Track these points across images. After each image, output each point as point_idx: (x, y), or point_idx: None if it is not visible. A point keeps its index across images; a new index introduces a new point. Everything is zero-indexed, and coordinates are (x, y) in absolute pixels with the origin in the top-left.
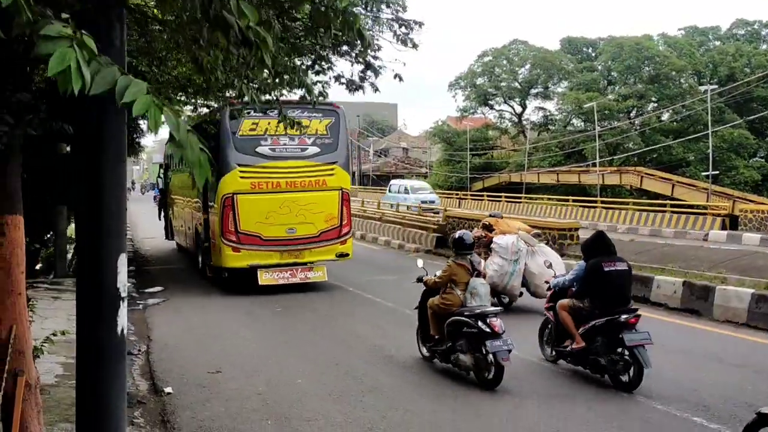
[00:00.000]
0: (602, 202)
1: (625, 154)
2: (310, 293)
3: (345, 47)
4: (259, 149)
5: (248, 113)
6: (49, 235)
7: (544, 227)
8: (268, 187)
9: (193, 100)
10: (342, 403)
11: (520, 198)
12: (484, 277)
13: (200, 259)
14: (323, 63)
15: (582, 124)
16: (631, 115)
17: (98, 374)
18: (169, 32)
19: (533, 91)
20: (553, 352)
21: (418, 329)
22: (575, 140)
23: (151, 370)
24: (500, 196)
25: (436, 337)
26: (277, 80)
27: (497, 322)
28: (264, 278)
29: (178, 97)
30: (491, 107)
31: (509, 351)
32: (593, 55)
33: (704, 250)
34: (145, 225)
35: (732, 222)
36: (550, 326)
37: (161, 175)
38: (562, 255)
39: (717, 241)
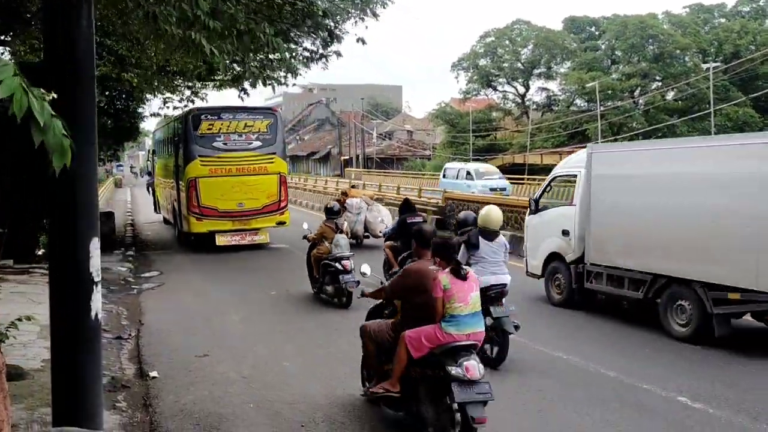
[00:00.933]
0: None
1: (629, 134)
2: (304, 280)
3: (308, 21)
4: (215, 144)
5: (206, 117)
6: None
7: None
8: (222, 172)
9: (188, 84)
10: (325, 386)
11: (522, 179)
12: (348, 235)
13: (176, 228)
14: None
15: (585, 104)
16: (635, 94)
17: (73, 358)
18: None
19: (536, 71)
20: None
21: (308, 272)
22: (578, 120)
23: (139, 354)
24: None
25: (317, 276)
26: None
27: (348, 263)
28: (220, 240)
29: (173, 82)
30: (494, 88)
31: (357, 282)
32: (596, 34)
33: None
34: (146, 210)
35: None
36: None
37: (150, 160)
38: None
39: None
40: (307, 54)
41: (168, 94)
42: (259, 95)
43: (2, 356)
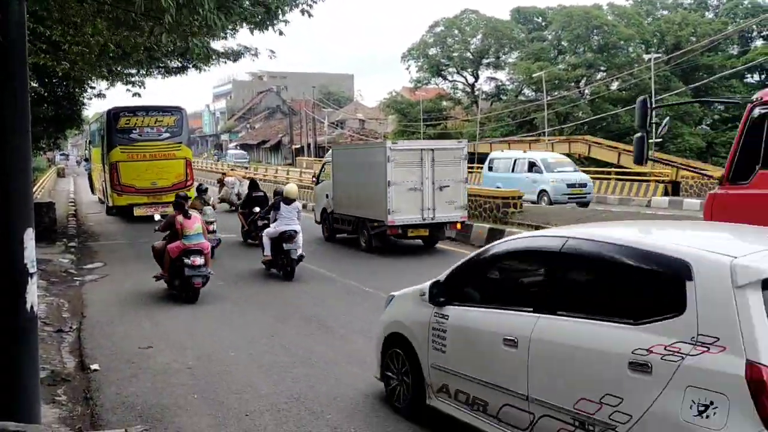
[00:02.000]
0: None
1: (575, 123)
2: (255, 267)
3: None
4: (131, 135)
5: (124, 114)
6: None
7: (487, 196)
8: (138, 158)
9: (129, 71)
10: (272, 375)
11: (471, 167)
12: (214, 207)
13: (105, 203)
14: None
15: (533, 93)
16: (581, 84)
17: (8, 352)
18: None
19: (485, 61)
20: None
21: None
22: (526, 110)
23: (80, 347)
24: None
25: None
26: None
27: (212, 227)
28: (137, 212)
29: (115, 68)
30: (444, 78)
31: (219, 240)
32: (543, 24)
33: (640, 215)
34: (89, 200)
35: (675, 188)
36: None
37: (87, 149)
38: (505, 223)
39: (659, 207)
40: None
41: (107, 84)
42: (206, 81)
43: None
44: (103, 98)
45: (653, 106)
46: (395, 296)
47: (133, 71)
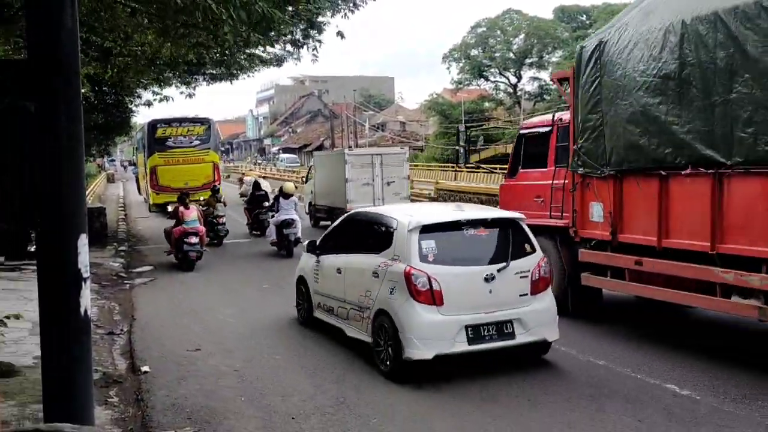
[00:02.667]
0: None
1: None
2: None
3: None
4: (167, 143)
5: (160, 125)
6: None
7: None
8: (173, 162)
9: (178, 75)
10: (316, 378)
11: None
12: (225, 204)
13: (146, 201)
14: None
15: None
16: None
17: (63, 355)
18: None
19: (528, 61)
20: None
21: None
22: None
23: (131, 349)
24: (496, 168)
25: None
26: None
27: (222, 219)
28: (171, 207)
29: (163, 74)
30: (486, 79)
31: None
32: (587, 22)
33: None
34: (138, 207)
35: None
36: None
37: (134, 155)
38: None
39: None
40: (288, 40)
41: (157, 89)
42: (250, 87)
43: None
44: (151, 106)
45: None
46: (302, 255)
47: (180, 78)
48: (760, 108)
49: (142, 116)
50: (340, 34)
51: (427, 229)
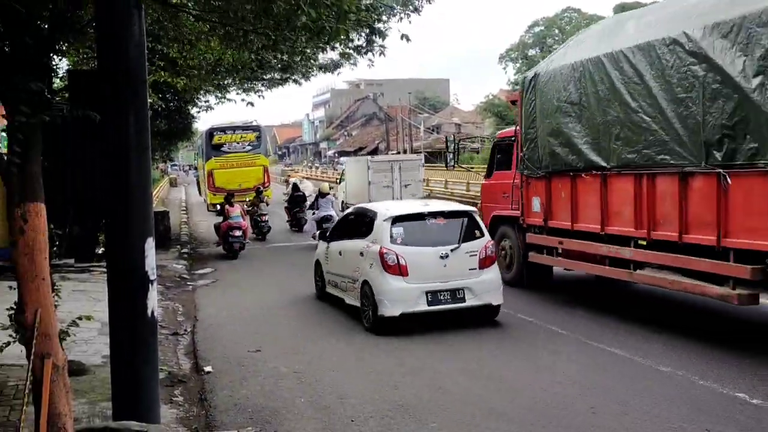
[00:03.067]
0: None
1: None
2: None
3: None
4: (222, 149)
5: (216, 132)
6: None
7: None
8: (228, 166)
9: (239, 82)
10: (377, 382)
11: None
12: (267, 204)
13: (205, 201)
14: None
15: None
16: None
17: (131, 355)
18: (195, 19)
19: None
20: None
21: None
22: None
23: (194, 349)
24: None
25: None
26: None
27: (265, 218)
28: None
29: (224, 81)
30: None
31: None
32: None
33: None
34: (199, 209)
35: None
36: None
37: (195, 159)
38: None
39: None
40: (350, 48)
41: (219, 94)
42: (307, 91)
43: (64, 353)
44: (211, 110)
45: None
46: (318, 243)
47: (239, 84)
48: (624, 127)
49: (202, 122)
50: (405, 37)
51: (397, 219)
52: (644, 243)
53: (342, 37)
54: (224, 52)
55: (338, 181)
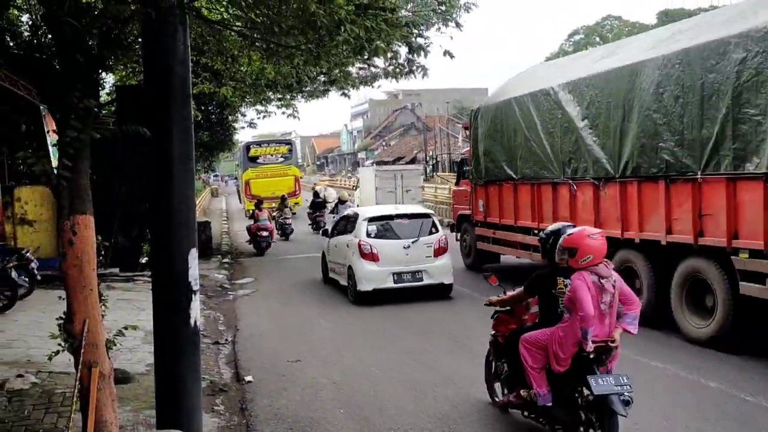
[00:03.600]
0: None
1: None
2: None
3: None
4: (258, 160)
5: (253, 146)
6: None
7: None
8: (263, 176)
9: (278, 96)
10: (414, 392)
11: None
12: (291, 210)
13: (244, 209)
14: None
15: None
16: None
17: (174, 364)
18: (236, 34)
19: None
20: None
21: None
22: None
23: (235, 359)
24: None
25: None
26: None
27: (288, 227)
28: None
29: (266, 94)
30: None
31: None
32: None
33: None
34: (240, 220)
35: None
36: None
37: (235, 170)
38: None
39: None
40: (394, 65)
41: (259, 107)
42: (345, 102)
43: (110, 362)
44: (254, 126)
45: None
46: (323, 240)
47: (280, 97)
48: (523, 150)
49: (244, 134)
50: (448, 53)
51: (372, 219)
52: (536, 232)
53: (380, 55)
54: (265, 66)
55: (354, 188)
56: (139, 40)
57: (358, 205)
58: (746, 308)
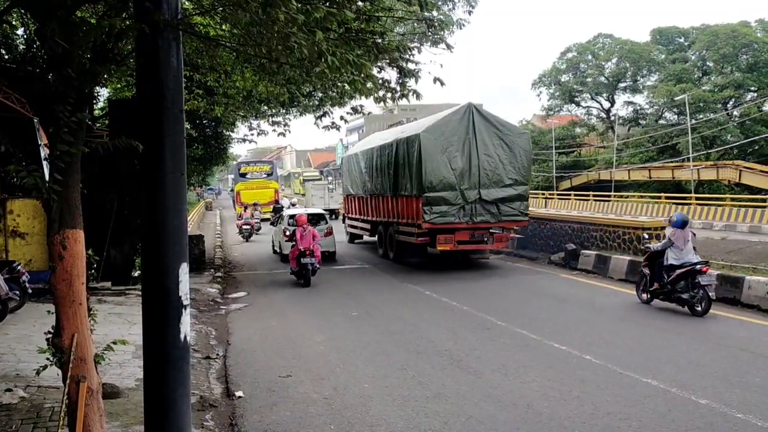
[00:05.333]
0: (697, 198)
1: (723, 147)
2: (385, 296)
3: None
4: (247, 176)
5: (243, 165)
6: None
7: (632, 227)
8: (250, 188)
9: (271, 112)
10: (405, 409)
11: (609, 196)
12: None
13: (236, 211)
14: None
15: (675, 117)
16: (729, 106)
17: (163, 379)
18: (229, 50)
19: (621, 85)
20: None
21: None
22: (668, 134)
23: (226, 374)
24: (588, 195)
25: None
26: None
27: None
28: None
29: (259, 110)
30: (577, 104)
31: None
32: (686, 45)
33: None
34: (233, 232)
35: None
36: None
37: (231, 183)
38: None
39: None
40: (384, 91)
41: (253, 121)
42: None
43: (99, 377)
44: (249, 142)
45: None
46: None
47: (273, 113)
48: (364, 181)
49: (240, 148)
50: (438, 80)
51: (291, 216)
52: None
53: (359, 88)
54: (257, 83)
55: (303, 195)
56: (133, 54)
57: (293, 206)
58: (402, 245)
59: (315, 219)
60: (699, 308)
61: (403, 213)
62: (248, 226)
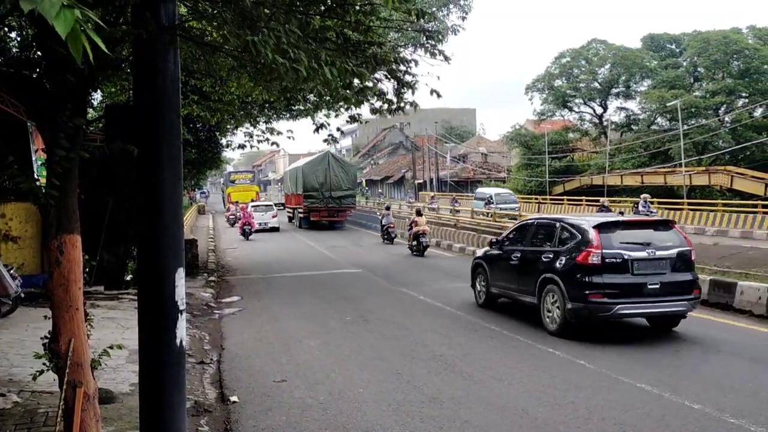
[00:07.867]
0: (689, 203)
1: (715, 153)
2: (381, 301)
3: (382, 67)
4: (236, 182)
5: (234, 173)
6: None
7: None
8: (237, 190)
9: (265, 117)
10: (400, 414)
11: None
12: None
13: (225, 207)
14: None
15: (667, 123)
16: (720, 112)
17: (158, 384)
18: (224, 55)
19: (614, 90)
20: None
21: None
22: (660, 140)
23: (220, 379)
24: (581, 199)
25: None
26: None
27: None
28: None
29: (254, 116)
30: (570, 109)
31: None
32: (678, 51)
33: None
34: (227, 236)
35: None
36: None
37: (223, 186)
38: None
39: None
40: (380, 103)
41: (248, 127)
42: (333, 121)
43: (95, 382)
44: (243, 148)
45: None
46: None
47: (268, 115)
48: (294, 186)
49: (231, 152)
50: (435, 92)
51: (254, 207)
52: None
53: (353, 102)
54: (253, 89)
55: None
56: (130, 58)
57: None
58: (300, 219)
59: (266, 207)
60: None
61: (299, 202)
62: (233, 217)
